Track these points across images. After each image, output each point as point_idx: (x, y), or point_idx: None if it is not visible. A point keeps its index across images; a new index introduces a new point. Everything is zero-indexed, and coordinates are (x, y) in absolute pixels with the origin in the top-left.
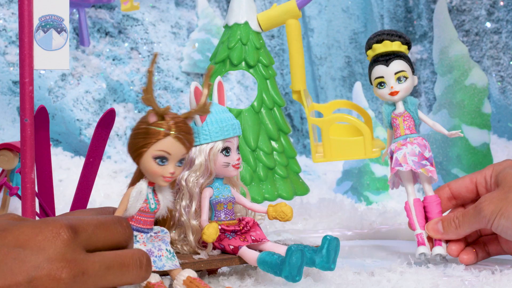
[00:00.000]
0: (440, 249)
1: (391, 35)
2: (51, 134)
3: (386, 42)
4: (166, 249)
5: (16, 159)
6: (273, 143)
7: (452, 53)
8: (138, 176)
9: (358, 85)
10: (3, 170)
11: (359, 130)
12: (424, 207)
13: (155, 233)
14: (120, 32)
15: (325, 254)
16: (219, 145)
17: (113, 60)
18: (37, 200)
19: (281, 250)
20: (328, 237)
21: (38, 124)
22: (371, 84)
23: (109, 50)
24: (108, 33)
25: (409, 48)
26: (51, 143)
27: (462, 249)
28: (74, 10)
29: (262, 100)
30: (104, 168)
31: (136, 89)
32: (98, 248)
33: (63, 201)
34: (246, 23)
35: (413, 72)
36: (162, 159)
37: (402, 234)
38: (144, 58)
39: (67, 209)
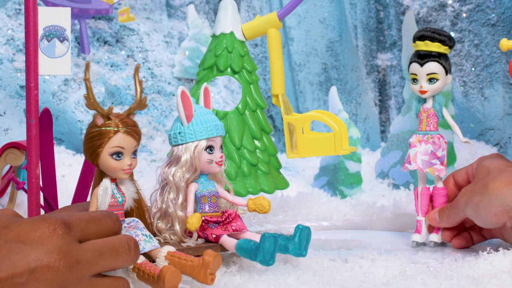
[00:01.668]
0: (435, 237)
1: (433, 35)
2: (54, 134)
3: (427, 42)
4: (142, 234)
5: (22, 157)
6: (256, 142)
7: None
8: (99, 177)
9: (333, 89)
10: (11, 167)
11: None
12: (431, 196)
13: (127, 223)
14: (117, 41)
15: (297, 242)
16: (203, 143)
17: (111, 66)
18: (41, 194)
19: (258, 238)
20: (300, 226)
21: (43, 124)
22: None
23: (108, 57)
24: (106, 42)
25: (451, 48)
26: (54, 142)
27: (455, 235)
28: (76, 21)
29: (246, 103)
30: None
31: (132, 93)
32: (90, 240)
33: (65, 195)
34: (232, 33)
35: (448, 72)
36: (118, 154)
37: (373, 225)
38: (139, 65)
39: (69, 202)
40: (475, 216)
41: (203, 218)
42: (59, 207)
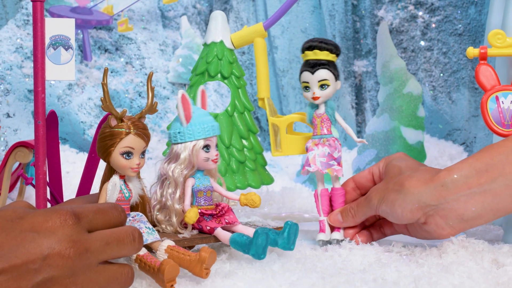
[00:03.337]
0: (337, 235)
1: (321, 45)
2: (59, 134)
3: (316, 51)
4: (146, 227)
5: (30, 155)
6: (244, 141)
7: (392, 67)
8: (108, 173)
9: None
10: (20, 164)
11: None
12: (330, 197)
13: (132, 217)
14: (117, 49)
15: (286, 237)
16: (201, 143)
17: (111, 72)
18: (48, 189)
19: (250, 232)
20: (289, 222)
21: (49, 125)
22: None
23: (108, 64)
24: (107, 50)
25: (337, 55)
26: (60, 141)
27: (357, 232)
28: (79, 30)
29: (235, 105)
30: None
31: (130, 97)
32: (98, 230)
33: (69, 190)
34: (222, 42)
35: (337, 78)
36: (128, 154)
37: None
38: (137, 71)
39: (73, 196)
40: (389, 213)
41: (199, 211)
42: (64, 200)
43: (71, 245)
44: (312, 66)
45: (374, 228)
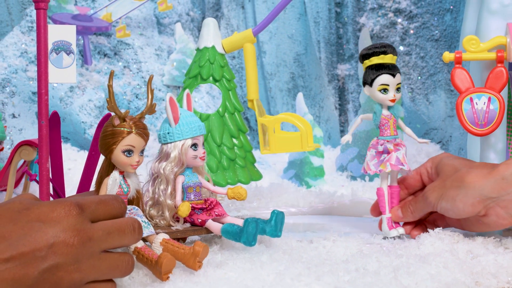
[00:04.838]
0: (401, 230)
1: (394, 50)
2: (62, 133)
3: (391, 56)
4: (142, 220)
5: (34, 153)
6: (234, 140)
7: None
8: (106, 168)
9: (300, 95)
10: (24, 161)
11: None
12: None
13: (129, 210)
14: (115, 54)
15: (273, 224)
16: (189, 142)
17: None
18: (51, 184)
19: (239, 222)
20: (275, 211)
21: (52, 125)
22: (369, 85)
23: (107, 67)
24: (106, 54)
25: None
26: (62, 140)
27: (413, 227)
28: (80, 36)
29: (226, 106)
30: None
31: (128, 98)
32: (100, 220)
33: (71, 185)
34: (213, 47)
35: None
36: (129, 151)
37: (334, 211)
38: (134, 74)
39: (74, 191)
40: (450, 208)
41: (190, 205)
42: (66, 195)
43: (75, 234)
44: (393, 69)
45: (429, 222)
